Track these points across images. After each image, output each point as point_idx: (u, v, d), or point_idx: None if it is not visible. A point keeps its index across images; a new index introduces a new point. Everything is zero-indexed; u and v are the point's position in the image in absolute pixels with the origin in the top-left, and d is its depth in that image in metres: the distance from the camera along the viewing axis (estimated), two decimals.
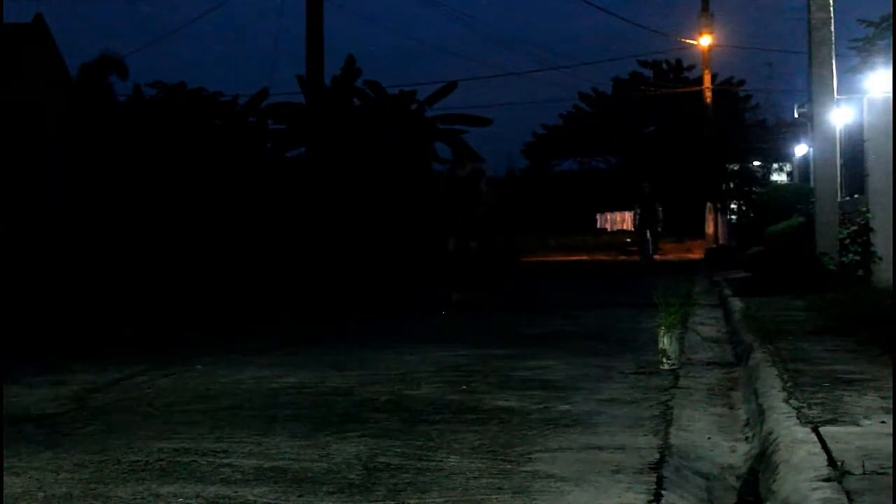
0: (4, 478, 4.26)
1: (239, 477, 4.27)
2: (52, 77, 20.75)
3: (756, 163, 31.66)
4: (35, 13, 22.59)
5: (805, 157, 23.26)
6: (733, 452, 4.91)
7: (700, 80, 40.24)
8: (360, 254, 18.37)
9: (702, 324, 10.54)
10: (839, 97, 14.19)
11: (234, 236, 15.50)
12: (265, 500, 3.92)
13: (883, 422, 4.67)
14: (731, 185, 32.30)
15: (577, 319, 11.55)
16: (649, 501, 3.79)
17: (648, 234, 25.13)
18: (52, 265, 12.26)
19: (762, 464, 4.42)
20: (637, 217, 25.75)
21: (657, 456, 4.50)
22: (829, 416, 4.82)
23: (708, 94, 38.62)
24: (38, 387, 6.86)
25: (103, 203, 13.54)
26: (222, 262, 14.89)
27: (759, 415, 5.23)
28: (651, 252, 25.28)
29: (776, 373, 6.16)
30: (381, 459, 4.53)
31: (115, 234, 13.46)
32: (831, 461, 3.96)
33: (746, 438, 5.15)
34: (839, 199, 14.09)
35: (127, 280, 13.07)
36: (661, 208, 26.12)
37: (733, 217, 33.04)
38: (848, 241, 13.40)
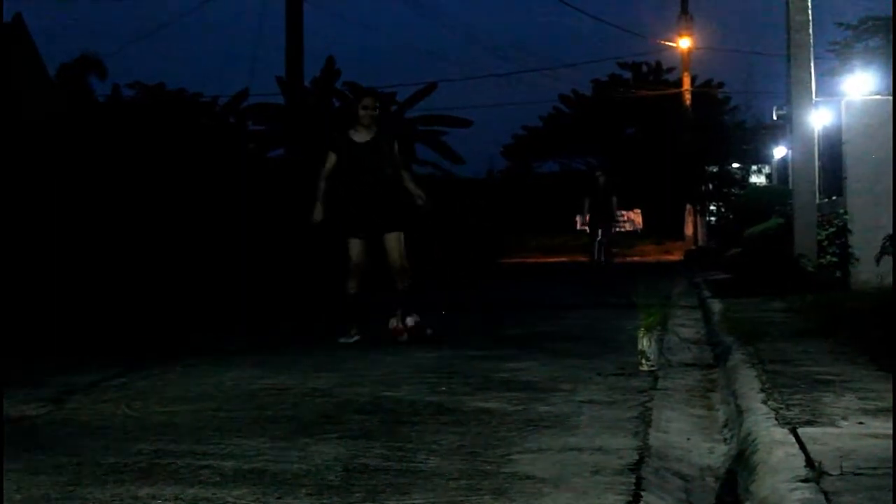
0: None
1: (218, 478, 4.26)
2: (32, 77, 20.66)
3: (735, 165, 31.82)
4: (14, 13, 22.50)
5: (784, 159, 23.41)
6: (712, 453, 4.93)
7: (680, 83, 40.42)
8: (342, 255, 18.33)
9: (681, 325, 10.57)
10: (817, 99, 14.29)
11: (214, 236, 15.47)
12: (244, 501, 3.92)
13: (861, 423, 4.70)
14: (711, 187, 32.45)
15: (556, 320, 11.56)
16: (628, 502, 3.80)
17: (600, 234, 20.53)
18: (30, 264, 12.20)
19: (740, 465, 4.44)
20: (587, 213, 20.64)
21: (636, 457, 4.51)
22: (808, 418, 4.85)
23: (687, 97, 38.79)
24: (15, 388, 6.82)
25: (82, 202, 13.49)
26: (202, 262, 14.85)
27: (738, 416, 5.25)
28: (602, 256, 20.64)
29: (755, 374, 6.19)
30: (361, 461, 4.53)
31: (92, 234, 13.41)
32: (809, 462, 3.98)
33: (725, 439, 5.17)
34: (817, 201, 14.17)
35: (103, 281, 13.01)
36: (618, 207, 21.03)
37: (713, 219, 33.21)
38: (826, 242, 13.48)
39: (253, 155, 21.05)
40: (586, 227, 21.43)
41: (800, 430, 4.54)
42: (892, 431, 4.36)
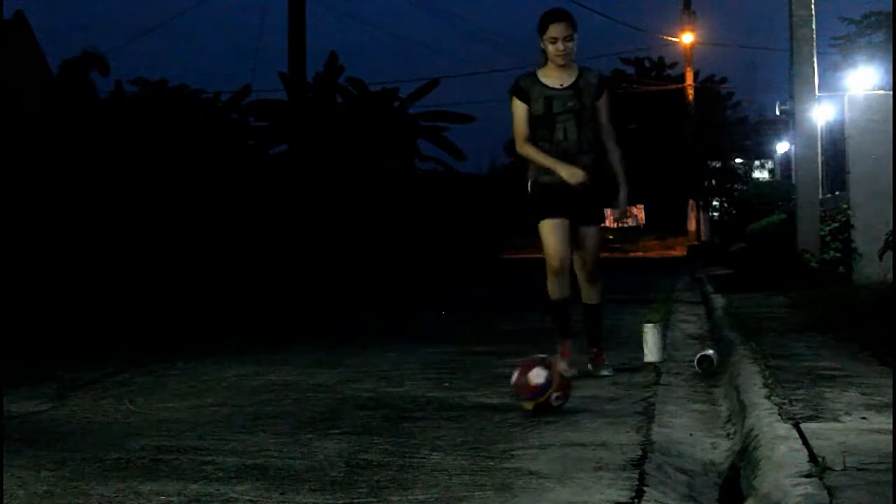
0: None
1: (221, 475, 4.26)
2: (33, 73, 20.66)
3: (738, 160, 31.87)
4: (16, 9, 22.50)
5: (787, 155, 23.42)
6: (715, 449, 4.92)
7: (682, 78, 40.39)
8: (345, 251, 18.35)
9: (684, 320, 10.56)
10: (820, 94, 14.28)
11: (219, 233, 15.48)
12: (247, 497, 3.91)
13: (864, 418, 4.69)
14: (714, 183, 32.53)
15: None
16: (631, 497, 3.79)
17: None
18: (32, 261, 12.20)
19: (744, 460, 4.43)
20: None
21: (639, 452, 4.50)
22: (811, 413, 4.84)
23: (690, 92, 38.79)
24: (17, 385, 6.83)
25: (86, 199, 13.51)
26: (206, 259, 14.86)
27: (741, 411, 5.24)
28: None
29: (757, 369, 6.18)
30: (363, 457, 4.53)
31: (92, 231, 13.42)
32: (812, 457, 3.97)
33: (728, 435, 5.17)
34: (820, 196, 14.17)
35: (106, 276, 13.02)
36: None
37: (716, 214, 33.25)
38: (829, 237, 13.48)
39: (254, 151, 21.07)
40: None
41: (803, 426, 4.53)
42: (892, 427, 4.36)
